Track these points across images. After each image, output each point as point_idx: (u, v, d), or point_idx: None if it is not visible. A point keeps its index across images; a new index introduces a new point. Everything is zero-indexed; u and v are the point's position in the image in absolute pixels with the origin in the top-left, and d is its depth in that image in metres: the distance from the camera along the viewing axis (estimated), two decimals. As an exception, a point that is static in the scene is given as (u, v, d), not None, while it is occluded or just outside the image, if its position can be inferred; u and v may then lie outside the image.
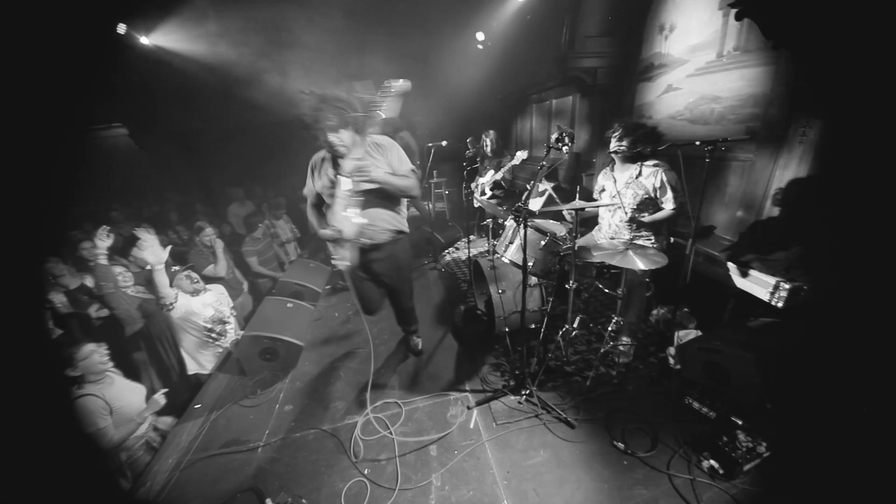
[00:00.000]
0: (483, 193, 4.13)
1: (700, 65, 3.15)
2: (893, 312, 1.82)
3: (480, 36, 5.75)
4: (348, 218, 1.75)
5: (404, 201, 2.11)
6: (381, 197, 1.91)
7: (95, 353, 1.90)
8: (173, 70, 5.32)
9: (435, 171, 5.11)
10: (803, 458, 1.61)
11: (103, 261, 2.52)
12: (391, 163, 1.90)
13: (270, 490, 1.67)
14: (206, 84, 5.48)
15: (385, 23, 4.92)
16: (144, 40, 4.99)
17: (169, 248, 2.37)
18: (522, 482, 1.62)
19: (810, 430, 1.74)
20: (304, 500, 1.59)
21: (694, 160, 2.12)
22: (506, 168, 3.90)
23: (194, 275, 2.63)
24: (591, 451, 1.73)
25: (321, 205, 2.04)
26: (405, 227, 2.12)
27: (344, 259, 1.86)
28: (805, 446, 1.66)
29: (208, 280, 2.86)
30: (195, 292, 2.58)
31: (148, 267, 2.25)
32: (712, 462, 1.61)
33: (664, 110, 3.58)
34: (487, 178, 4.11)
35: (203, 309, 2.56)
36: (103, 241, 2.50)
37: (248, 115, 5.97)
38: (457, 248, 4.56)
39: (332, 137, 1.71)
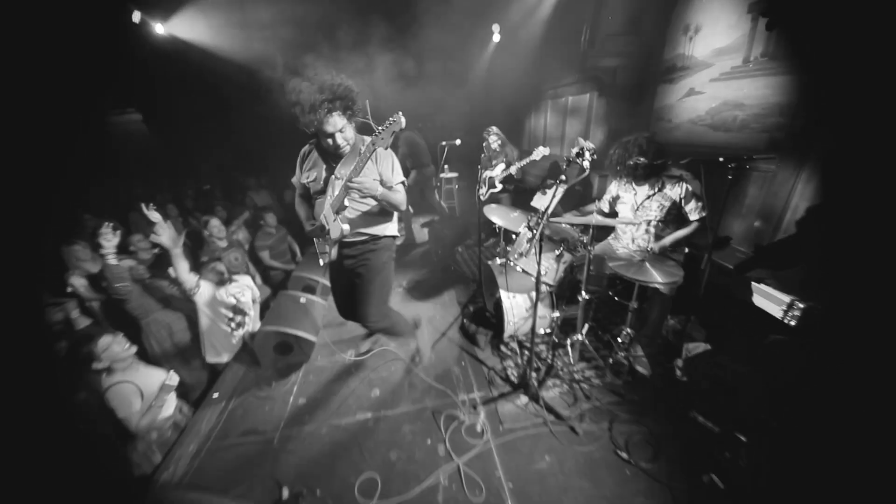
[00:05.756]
0: (493, 186, 4.07)
1: (725, 69, 3.06)
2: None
3: (497, 29, 5.64)
4: (335, 221, 1.73)
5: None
6: (370, 205, 1.87)
7: (115, 344, 1.95)
8: (187, 58, 5.34)
9: (446, 167, 5.10)
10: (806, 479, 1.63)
11: (112, 260, 2.42)
12: (383, 172, 1.78)
13: (286, 480, 1.76)
14: (219, 73, 5.50)
15: (401, 15, 4.85)
16: (160, 29, 5.01)
17: (184, 232, 2.43)
18: (527, 485, 1.68)
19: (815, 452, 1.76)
20: (318, 491, 1.68)
21: (711, 167, 2.08)
22: (522, 163, 3.82)
23: (221, 266, 2.72)
24: (594, 459, 1.78)
25: (309, 197, 1.95)
26: (387, 232, 1.97)
27: (324, 254, 1.88)
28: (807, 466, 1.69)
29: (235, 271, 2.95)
30: (221, 282, 2.67)
31: (156, 250, 2.27)
32: (713, 476, 1.65)
33: (684, 114, 3.50)
34: (497, 172, 4.04)
35: (226, 298, 2.66)
36: (109, 240, 2.40)
37: (262, 106, 5.97)
38: (466, 246, 4.58)
39: (337, 135, 1.60)
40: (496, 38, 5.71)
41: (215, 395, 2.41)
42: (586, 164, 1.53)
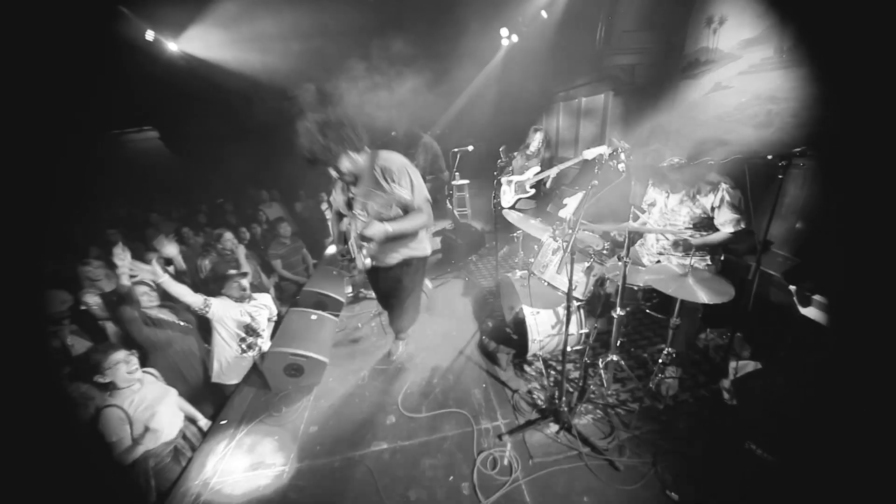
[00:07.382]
0: (523, 192, 3.83)
1: (755, 61, 2.86)
2: None
3: (505, 32, 5.54)
4: (359, 254, 1.81)
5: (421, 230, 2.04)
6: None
7: (124, 363, 1.85)
8: (199, 75, 5.39)
9: (457, 174, 4.95)
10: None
11: (126, 281, 2.27)
12: (402, 194, 1.79)
13: (297, 523, 1.61)
14: (231, 88, 5.53)
15: (410, 22, 4.79)
16: (172, 46, 5.07)
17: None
18: (565, 532, 1.49)
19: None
20: (332, 541, 1.52)
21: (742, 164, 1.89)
22: (568, 164, 3.51)
23: (245, 282, 2.64)
24: (640, 501, 1.57)
25: (341, 218, 2.05)
26: (419, 253, 2.07)
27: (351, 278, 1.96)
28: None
29: (253, 288, 2.87)
30: (241, 299, 2.60)
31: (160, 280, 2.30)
32: (783, 521, 1.43)
33: (711, 110, 3.30)
34: (529, 175, 3.77)
35: (241, 316, 2.56)
36: (123, 260, 2.22)
37: (274, 118, 5.99)
38: (480, 255, 4.42)
39: (340, 167, 1.73)
40: (505, 41, 5.61)
41: (223, 421, 2.28)
42: (622, 166, 1.37)
